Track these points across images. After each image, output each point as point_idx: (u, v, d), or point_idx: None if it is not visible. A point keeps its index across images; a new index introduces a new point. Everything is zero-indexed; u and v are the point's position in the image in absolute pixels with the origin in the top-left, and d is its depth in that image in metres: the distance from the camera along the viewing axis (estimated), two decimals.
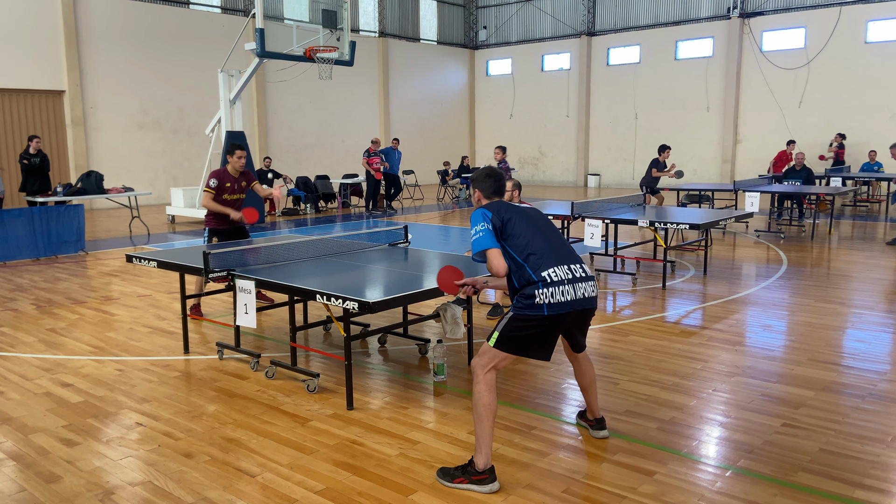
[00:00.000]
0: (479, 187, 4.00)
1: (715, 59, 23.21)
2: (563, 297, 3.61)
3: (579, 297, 3.67)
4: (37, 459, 3.98)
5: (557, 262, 3.67)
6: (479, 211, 3.79)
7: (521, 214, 3.81)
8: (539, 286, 3.59)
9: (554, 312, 3.59)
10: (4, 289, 8.71)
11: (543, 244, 3.72)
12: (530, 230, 3.74)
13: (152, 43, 19.57)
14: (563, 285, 3.62)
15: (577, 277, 3.69)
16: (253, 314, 4.95)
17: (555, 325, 3.65)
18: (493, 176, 3.99)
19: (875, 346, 5.93)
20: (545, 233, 3.80)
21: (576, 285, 3.67)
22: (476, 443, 3.61)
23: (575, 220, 8.89)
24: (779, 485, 3.58)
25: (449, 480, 3.62)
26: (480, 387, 3.62)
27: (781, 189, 13.22)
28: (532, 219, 3.83)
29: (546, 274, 3.61)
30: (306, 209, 17.62)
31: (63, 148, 18.29)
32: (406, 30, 27.10)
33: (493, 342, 3.66)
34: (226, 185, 7.11)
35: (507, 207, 3.81)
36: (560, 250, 3.76)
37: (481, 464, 3.57)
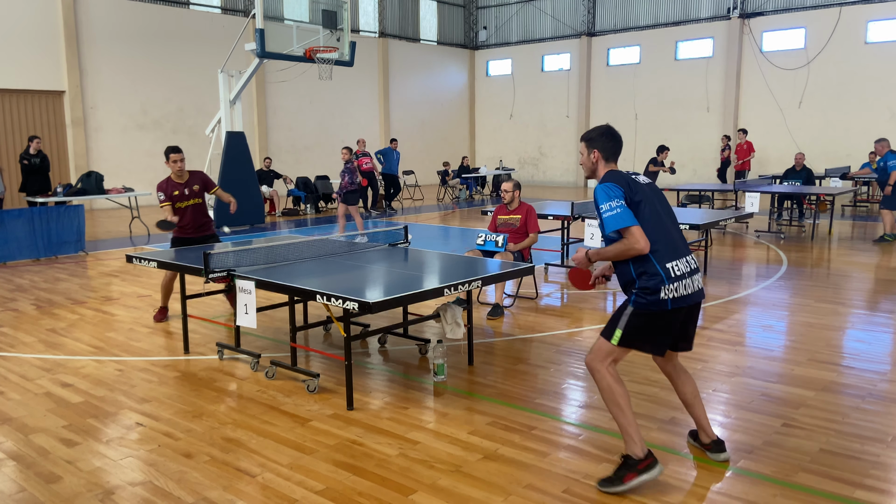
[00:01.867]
0: (597, 147, 3.71)
1: (715, 60, 23.21)
2: (686, 290, 3.54)
3: (696, 289, 3.61)
4: (37, 459, 3.98)
5: (678, 255, 3.56)
6: (606, 186, 3.53)
7: (651, 197, 3.59)
8: (664, 280, 3.48)
9: (677, 306, 3.53)
10: (4, 289, 8.71)
11: (667, 234, 3.56)
12: (656, 217, 3.55)
13: (152, 43, 19.58)
14: (685, 279, 3.54)
15: (693, 269, 3.61)
16: (253, 314, 4.95)
17: (677, 317, 3.59)
18: (614, 136, 3.72)
19: (875, 346, 5.93)
20: (669, 221, 3.63)
21: (693, 278, 3.59)
22: (625, 435, 3.56)
23: (575, 220, 8.89)
24: (779, 485, 3.58)
25: (619, 483, 3.50)
26: (608, 381, 3.58)
27: (781, 189, 13.23)
28: (659, 203, 3.63)
29: (670, 266, 3.51)
30: (306, 209, 17.61)
31: (63, 148, 18.29)
32: (406, 30, 27.10)
33: (617, 340, 3.56)
34: (173, 193, 6.83)
35: (637, 186, 3.56)
36: (680, 242, 3.63)
37: (640, 452, 3.52)
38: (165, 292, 7.07)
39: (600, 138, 3.71)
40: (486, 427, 4.33)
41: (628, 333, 3.56)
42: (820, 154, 20.78)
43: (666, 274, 3.49)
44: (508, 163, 28.16)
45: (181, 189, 6.85)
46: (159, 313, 7.10)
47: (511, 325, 6.75)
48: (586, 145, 3.75)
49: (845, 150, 20.74)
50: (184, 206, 6.89)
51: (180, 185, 6.86)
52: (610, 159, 3.72)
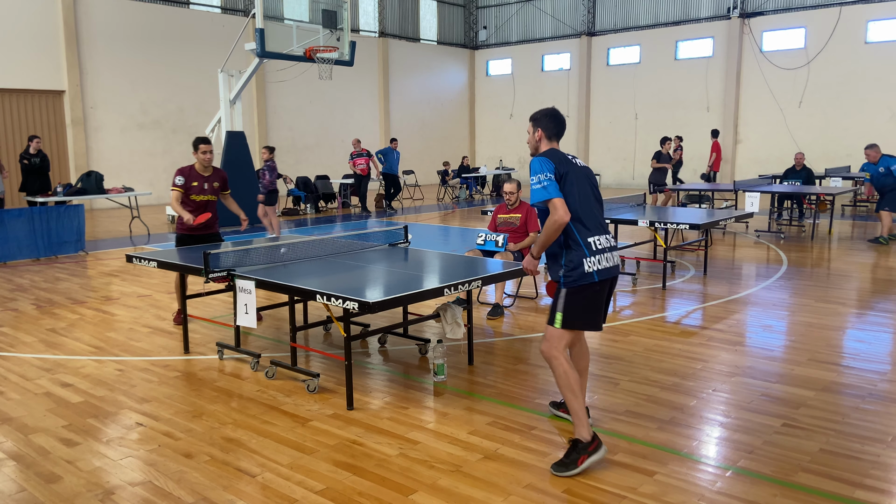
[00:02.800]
0: (541, 126, 3.94)
1: (715, 60, 23.22)
2: (607, 262, 3.81)
3: (616, 263, 3.90)
4: (37, 459, 3.98)
5: (599, 231, 3.81)
6: (540, 159, 3.76)
7: (578, 172, 3.81)
8: (586, 252, 3.73)
9: (602, 278, 3.78)
10: (4, 289, 8.71)
11: (590, 210, 3.81)
12: (583, 193, 3.79)
13: (152, 43, 19.58)
14: (605, 252, 3.80)
15: (612, 246, 3.91)
16: (253, 314, 4.95)
17: (605, 290, 3.86)
18: (558, 117, 3.96)
19: (875, 346, 5.93)
20: (594, 200, 3.87)
21: (613, 253, 3.89)
22: (576, 419, 3.77)
23: None
24: (779, 485, 3.58)
25: (573, 467, 3.67)
26: (564, 367, 3.78)
27: (781, 189, 13.23)
28: (588, 183, 3.87)
29: (592, 240, 3.76)
30: (306, 209, 17.61)
31: (63, 148, 18.29)
32: (406, 30, 27.10)
33: (560, 323, 3.78)
34: (192, 184, 6.59)
35: (566, 161, 3.80)
36: (601, 218, 3.88)
37: (587, 435, 3.73)
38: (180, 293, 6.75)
39: (545, 119, 3.96)
40: (486, 427, 4.33)
41: (567, 314, 3.79)
42: (820, 154, 20.79)
43: (587, 247, 3.75)
44: (508, 163, 28.17)
45: (201, 182, 6.64)
46: (178, 315, 6.87)
47: (511, 325, 6.75)
48: (532, 125, 4.00)
49: (845, 150, 20.74)
50: (197, 200, 6.67)
51: (201, 178, 6.64)
52: (552, 139, 3.96)
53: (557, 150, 3.89)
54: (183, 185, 6.56)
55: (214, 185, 6.75)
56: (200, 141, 6.65)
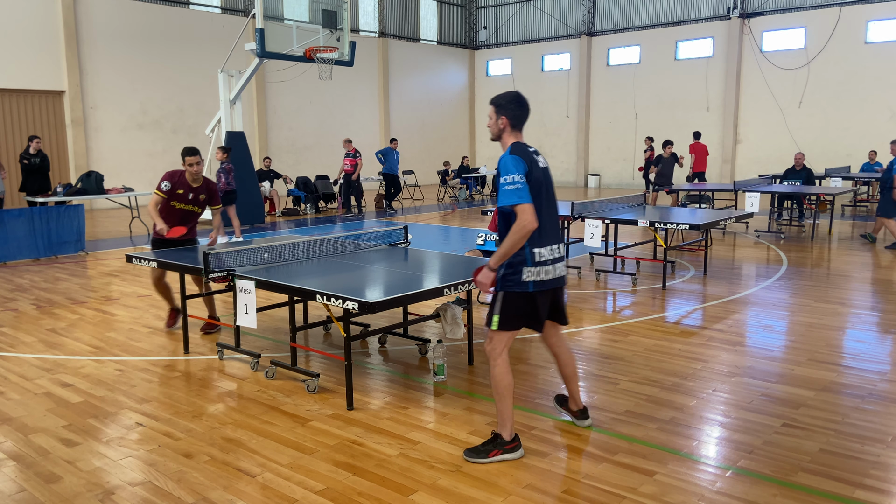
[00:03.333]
0: (506, 113, 3.79)
1: (715, 60, 23.21)
2: (546, 276, 3.77)
3: (557, 276, 3.85)
4: (37, 459, 3.98)
5: (546, 242, 3.77)
6: (514, 159, 3.66)
7: (541, 174, 3.76)
8: (527, 261, 3.71)
9: (538, 290, 3.78)
10: (4, 289, 8.71)
11: (549, 218, 3.78)
12: (545, 198, 3.77)
13: (152, 43, 19.58)
14: (547, 265, 3.76)
15: (557, 258, 3.85)
16: (253, 314, 4.95)
17: (543, 300, 3.84)
18: (523, 102, 3.84)
19: (875, 346, 5.93)
20: (550, 207, 3.84)
21: (556, 265, 3.83)
22: (500, 418, 3.88)
23: (575, 220, 8.88)
24: (779, 485, 3.58)
25: (484, 456, 3.83)
26: (499, 370, 3.83)
27: (781, 189, 13.22)
28: (546, 188, 3.80)
29: (536, 251, 3.73)
30: (306, 209, 17.61)
31: (63, 148, 18.29)
32: (406, 30, 27.10)
33: (496, 325, 3.80)
34: (178, 191, 6.24)
35: (536, 167, 3.72)
36: (553, 229, 3.84)
37: (508, 435, 3.86)
38: (164, 294, 6.72)
39: (509, 105, 3.80)
40: (486, 427, 4.33)
41: (503, 317, 3.80)
42: (820, 154, 20.80)
43: (531, 257, 3.71)
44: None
45: (187, 191, 6.33)
46: (170, 318, 6.75)
47: None
48: (495, 110, 3.84)
49: (845, 150, 20.75)
50: (178, 207, 6.36)
51: (189, 187, 6.33)
52: (516, 127, 3.84)
53: (524, 145, 3.80)
54: (168, 190, 6.23)
55: (201, 196, 6.40)
56: (187, 152, 6.25)
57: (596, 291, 8.20)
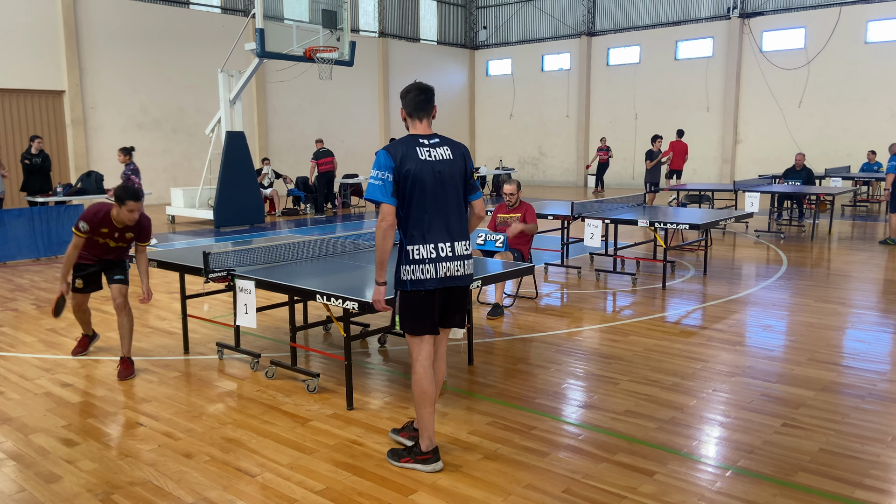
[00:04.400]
0: (404, 104, 3.69)
1: (715, 59, 23.21)
2: (424, 275, 3.60)
3: (441, 276, 3.63)
4: (37, 459, 3.98)
5: (427, 240, 3.60)
6: (382, 153, 3.57)
7: (420, 177, 3.55)
8: (405, 260, 3.62)
9: (415, 289, 3.61)
10: (4, 289, 8.71)
11: (422, 216, 3.59)
12: (420, 197, 3.57)
13: (152, 43, 19.58)
14: (425, 264, 3.60)
15: (445, 257, 3.63)
16: (253, 314, 4.95)
17: (429, 299, 3.64)
18: (421, 90, 3.66)
19: (875, 346, 5.93)
20: (437, 204, 3.62)
21: (441, 264, 3.62)
22: (419, 427, 3.78)
23: (575, 220, 8.89)
24: (779, 485, 3.58)
25: (396, 460, 3.82)
26: (414, 376, 3.73)
27: (781, 189, 13.23)
28: (433, 182, 3.59)
29: (411, 249, 3.60)
30: (306, 209, 17.62)
31: (63, 148, 18.29)
32: (406, 30, 27.10)
33: (399, 325, 3.72)
34: (101, 229, 5.38)
35: (411, 159, 3.55)
36: (438, 226, 3.62)
37: (424, 445, 3.76)
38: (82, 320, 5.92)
39: (407, 95, 3.69)
40: (486, 427, 4.33)
41: (401, 316, 3.70)
42: (820, 154, 20.79)
43: (406, 255, 3.60)
44: (508, 163, 28.16)
45: (113, 231, 5.44)
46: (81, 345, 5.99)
47: (511, 325, 6.75)
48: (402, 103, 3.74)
49: (845, 150, 20.75)
50: (101, 242, 5.49)
51: (116, 228, 5.43)
52: (413, 116, 3.69)
53: (414, 136, 3.64)
54: (86, 230, 5.33)
55: (127, 235, 5.50)
56: (129, 197, 5.22)
57: (596, 291, 8.20)
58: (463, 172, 3.74)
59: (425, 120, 3.73)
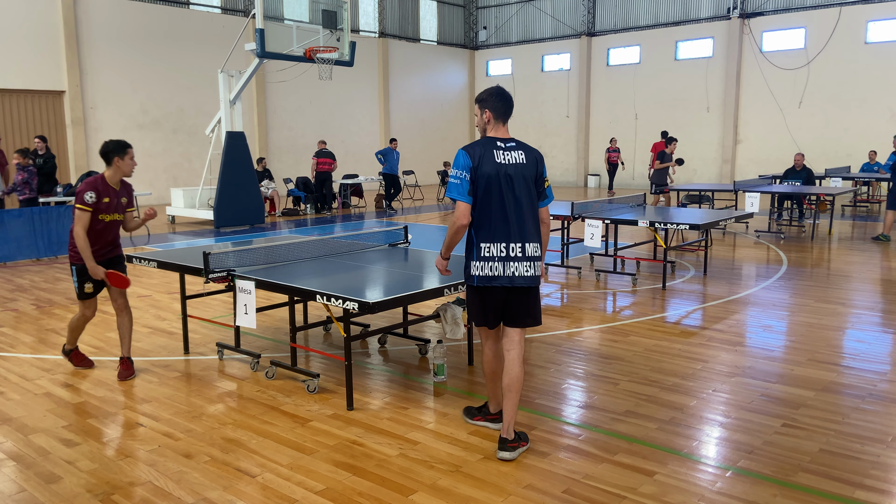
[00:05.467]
0: (489, 107, 3.87)
1: (715, 60, 23.21)
2: (493, 272, 3.81)
3: (508, 274, 3.81)
4: (37, 459, 3.98)
5: (497, 239, 3.78)
6: (461, 153, 3.78)
7: (495, 177, 3.75)
8: (473, 256, 3.83)
9: (482, 284, 3.84)
10: (4, 289, 8.71)
11: (493, 216, 3.78)
12: (491, 197, 3.76)
13: (152, 43, 19.58)
14: (494, 262, 3.79)
15: (513, 257, 3.81)
16: (253, 314, 4.95)
17: (491, 296, 3.88)
18: (505, 96, 3.88)
19: (875, 346, 5.93)
20: (507, 205, 3.78)
21: (508, 264, 3.81)
22: (489, 395, 4.27)
23: (575, 220, 8.89)
24: (779, 485, 3.58)
25: (470, 417, 4.37)
26: (484, 356, 4.15)
27: (781, 189, 13.23)
28: (507, 185, 3.77)
29: (484, 246, 3.79)
30: (306, 209, 17.61)
31: (63, 148, 18.29)
32: (406, 30, 27.10)
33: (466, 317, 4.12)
34: (103, 200, 5.14)
35: (489, 159, 3.76)
36: (506, 227, 3.79)
37: (493, 408, 4.30)
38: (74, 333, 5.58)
39: (491, 98, 3.87)
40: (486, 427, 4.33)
41: (467, 306, 4.06)
42: (820, 154, 20.80)
43: (477, 251, 3.81)
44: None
45: (112, 197, 5.22)
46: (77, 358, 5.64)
47: None
48: (479, 106, 3.93)
49: (845, 150, 20.75)
50: (107, 220, 5.25)
51: (113, 192, 5.22)
52: (499, 119, 3.89)
53: (492, 139, 3.83)
54: (94, 203, 5.10)
55: (123, 200, 5.32)
56: (125, 145, 5.20)
57: (596, 291, 8.20)
58: (534, 177, 3.88)
59: (503, 125, 3.91)
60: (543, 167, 3.96)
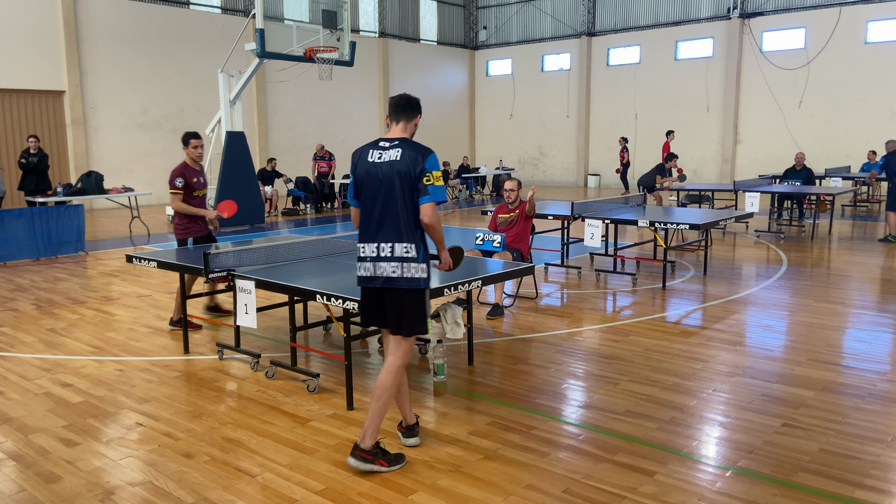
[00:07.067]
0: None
1: (715, 60, 23.21)
2: (363, 272, 3.79)
3: (371, 275, 3.75)
4: (37, 459, 3.98)
5: (367, 239, 3.75)
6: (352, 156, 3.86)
7: (366, 176, 3.73)
8: (357, 258, 3.83)
9: (360, 285, 3.84)
10: (4, 289, 8.71)
11: (368, 216, 3.76)
12: (367, 197, 3.75)
13: (152, 43, 19.57)
14: (365, 262, 3.77)
15: (378, 257, 3.71)
16: (253, 314, 4.95)
17: (366, 297, 3.85)
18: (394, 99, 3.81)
19: (875, 346, 5.93)
20: (378, 204, 3.70)
21: (377, 264, 3.72)
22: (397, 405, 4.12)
23: (575, 220, 8.89)
24: (779, 485, 3.58)
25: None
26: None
27: (781, 189, 13.22)
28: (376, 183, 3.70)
29: (359, 246, 3.80)
30: (306, 209, 17.61)
31: (63, 148, 18.29)
32: (406, 30, 27.09)
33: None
34: (192, 180, 6.48)
35: (362, 162, 3.75)
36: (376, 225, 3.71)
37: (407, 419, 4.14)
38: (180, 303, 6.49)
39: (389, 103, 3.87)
40: (486, 427, 4.33)
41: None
42: (820, 154, 20.79)
43: (357, 252, 3.83)
44: (508, 163, 28.17)
45: (197, 175, 6.54)
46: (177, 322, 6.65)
47: (511, 325, 6.75)
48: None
49: (845, 150, 20.75)
50: (200, 195, 6.59)
51: (196, 172, 6.54)
52: (392, 120, 3.82)
53: (378, 140, 3.75)
54: (183, 185, 6.43)
55: (204, 178, 6.71)
56: (192, 136, 6.55)
57: (596, 291, 8.20)
58: (409, 174, 3.62)
59: (396, 125, 3.80)
60: (428, 164, 3.63)
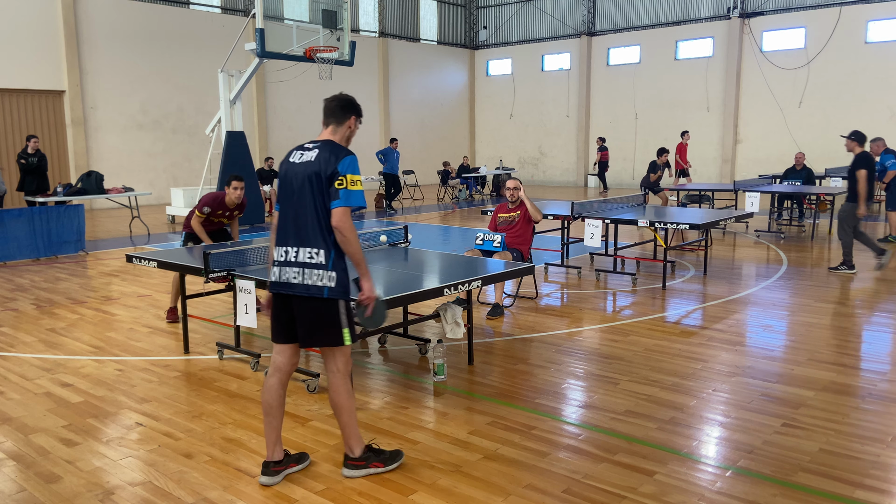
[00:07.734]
0: None
1: (715, 59, 23.21)
2: (273, 276, 3.62)
3: (280, 280, 3.56)
4: (37, 459, 3.98)
5: (280, 242, 3.60)
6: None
7: (284, 177, 3.63)
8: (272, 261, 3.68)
9: (272, 290, 3.64)
10: (4, 289, 8.71)
11: (283, 219, 3.62)
12: (282, 199, 3.64)
13: (152, 43, 19.57)
14: (276, 266, 3.61)
15: (287, 262, 3.54)
16: (253, 314, 4.95)
17: (276, 303, 3.65)
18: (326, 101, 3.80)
19: (875, 346, 5.93)
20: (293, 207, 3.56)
21: (284, 269, 3.55)
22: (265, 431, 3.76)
23: (575, 220, 8.89)
24: (779, 485, 3.58)
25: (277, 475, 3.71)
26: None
27: (781, 189, 13.23)
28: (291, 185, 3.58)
29: (274, 250, 3.66)
30: None
31: (63, 148, 18.29)
32: (406, 30, 27.09)
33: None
34: (218, 211, 6.97)
35: (284, 162, 3.68)
36: (287, 228, 3.58)
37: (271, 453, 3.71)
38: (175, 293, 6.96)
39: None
40: (486, 427, 4.33)
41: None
42: (820, 154, 20.78)
43: (271, 256, 3.68)
44: (508, 162, 28.16)
45: (225, 211, 6.98)
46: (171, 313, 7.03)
47: (511, 325, 6.75)
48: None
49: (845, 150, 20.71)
50: (215, 221, 7.06)
51: (228, 208, 6.98)
52: (324, 123, 3.77)
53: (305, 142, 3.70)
54: (208, 213, 6.87)
55: (235, 213, 7.09)
56: (234, 178, 6.85)
57: (596, 291, 8.20)
58: (320, 175, 3.47)
59: (325, 127, 3.76)
60: (342, 167, 3.48)
